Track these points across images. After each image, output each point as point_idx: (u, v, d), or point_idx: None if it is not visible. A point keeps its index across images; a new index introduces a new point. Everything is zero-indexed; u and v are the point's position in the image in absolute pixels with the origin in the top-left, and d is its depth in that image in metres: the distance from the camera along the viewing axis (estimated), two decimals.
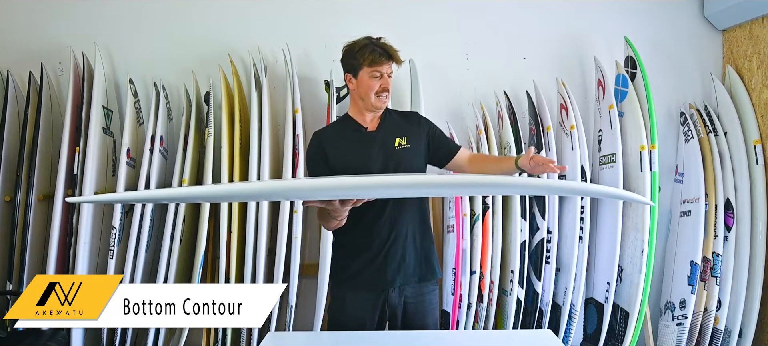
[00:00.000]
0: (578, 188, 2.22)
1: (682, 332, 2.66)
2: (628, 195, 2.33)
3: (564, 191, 2.38)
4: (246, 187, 1.58)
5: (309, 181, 1.45)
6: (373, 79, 1.76)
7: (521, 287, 2.62)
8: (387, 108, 1.91)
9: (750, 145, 2.73)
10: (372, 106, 1.80)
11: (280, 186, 1.71)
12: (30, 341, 2.19)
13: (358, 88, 1.80)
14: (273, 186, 1.66)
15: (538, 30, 2.98)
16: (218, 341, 2.58)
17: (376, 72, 1.75)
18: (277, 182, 1.36)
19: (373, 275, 1.77)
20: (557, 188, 2.03)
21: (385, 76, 1.77)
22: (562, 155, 2.77)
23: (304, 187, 1.54)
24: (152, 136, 2.56)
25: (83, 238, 2.44)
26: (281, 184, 1.37)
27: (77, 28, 2.83)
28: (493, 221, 2.65)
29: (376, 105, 1.79)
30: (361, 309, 1.79)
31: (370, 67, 1.75)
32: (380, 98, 1.78)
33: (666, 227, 2.88)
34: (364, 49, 1.76)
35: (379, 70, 1.75)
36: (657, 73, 2.85)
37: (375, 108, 1.80)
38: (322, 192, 1.45)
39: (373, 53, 1.74)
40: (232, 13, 2.90)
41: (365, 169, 1.74)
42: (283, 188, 1.72)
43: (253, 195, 1.97)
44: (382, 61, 1.75)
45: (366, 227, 1.76)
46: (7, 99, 2.62)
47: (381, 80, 1.76)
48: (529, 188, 1.93)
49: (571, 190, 2.19)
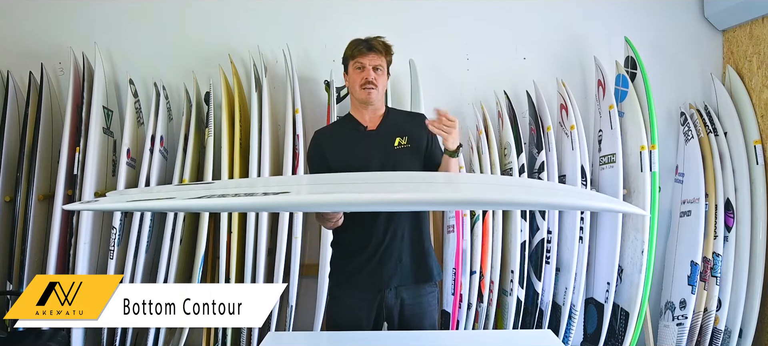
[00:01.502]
0: (569, 203, 1.92)
1: (682, 332, 2.66)
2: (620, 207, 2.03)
3: (553, 206, 2.26)
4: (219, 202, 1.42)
5: (293, 197, 1.37)
6: (356, 70, 1.80)
7: (521, 287, 2.62)
8: (390, 107, 1.90)
9: (750, 146, 2.73)
10: (360, 100, 1.81)
11: (260, 202, 1.50)
12: (30, 341, 2.19)
13: (349, 83, 1.84)
14: (252, 202, 1.46)
15: (538, 30, 2.98)
16: (218, 341, 2.58)
17: (357, 63, 1.79)
18: (257, 198, 1.33)
19: (369, 276, 1.77)
20: (547, 204, 1.89)
21: (367, 68, 1.78)
22: (563, 155, 2.77)
23: (289, 202, 1.45)
24: (152, 136, 2.56)
25: (83, 238, 2.44)
26: (261, 200, 1.33)
27: (77, 28, 2.83)
28: (493, 221, 2.65)
29: (360, 98, 1.81)
30: (358, 309, 1.79)
31: (353, 60, 1.80)
32: (365, 91, 1.78)
33: (666, 227, 2.88)
34: (349, 44, 1.82)
35: (360, 62, 1.78)
36: (657, 74, 2.84)
37: (363, 102, 1.81)
38: (306, 207, 1.42)
39: (354, 46, 1.80)
40: (232, 13, 2.90)
41: (363, 168, 1.74)
42: (263, 204, 1.59)
43: (231, 208, 1.92)
44: (363, 52, 1.78)
45: (362, 227, 1.76)
46: (7, 99, 2.62)
47: (364, 72, 1.78)
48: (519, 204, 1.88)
49: (560, 205, 2.05)
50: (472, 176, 2.59)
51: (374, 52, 1.78)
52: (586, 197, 1.60)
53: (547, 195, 1.45)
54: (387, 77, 1.86)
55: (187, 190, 1.56)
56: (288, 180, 2.19)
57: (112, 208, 1.89)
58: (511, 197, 1.32)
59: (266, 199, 1.30)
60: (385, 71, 1.83)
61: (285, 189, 1.35)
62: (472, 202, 1.60)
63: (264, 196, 1.31)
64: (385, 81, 1.83)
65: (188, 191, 1.43)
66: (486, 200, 1.50)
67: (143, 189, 2.42)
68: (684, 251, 2.72)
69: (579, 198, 1.57)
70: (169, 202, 1.31)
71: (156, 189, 2.31)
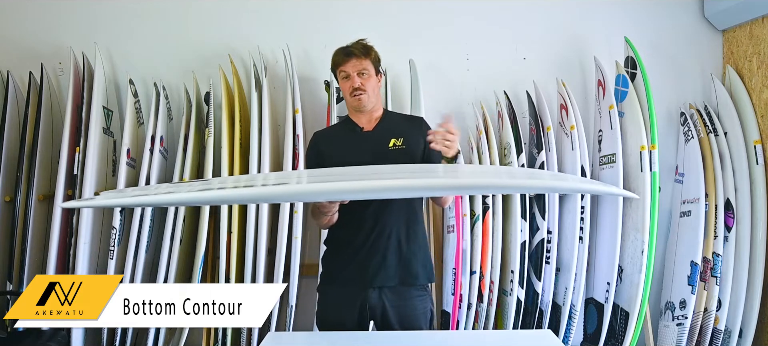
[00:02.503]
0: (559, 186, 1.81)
1: (682, 333, 2.65)
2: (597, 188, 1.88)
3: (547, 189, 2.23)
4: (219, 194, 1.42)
5: (284, 188, 1.35)
6: (343, 80, 1.81)
7: (521, 287, 2.62)
8: (388, 110, 1.91)
9: (750, 146, 2.73)
10: (353, 108, 1.84)
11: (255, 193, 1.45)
12: (30, 341, 2.19)
13: (342, 91, 1.86)
14: (250, 193, 1.43)
15: (538, 30, 2.98)
16: (218, 341, 2.58)
17: (342, 72, 1.80)
18: (253, 190, 1.36)
19: (353, 273, 1.76)
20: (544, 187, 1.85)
21: (352, 75, 1.79)
22: (563, 155, 2.77)
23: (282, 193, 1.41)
24: (152, 136, 2.56)
25: (83, 238, 2.44)
26: (256, 192, 1.35)
27: (77, 28, 2.84)
28: (493, 221, 2.65)
29: (352, 105, 1.83)
30: (341, 306, 1.77)
31: (337, 69, 1.82)
32: (355, 98, 1.79)
33: (666, 227, 2.88)
34: (333, 55, 1.83)
35: (344, 71, 1.79)
36: (657, 74, 2.84)
37: (355, 109, 1.83)
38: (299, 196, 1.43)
39: (335, 57, 1.82)
40: (232, 14, 2.90)
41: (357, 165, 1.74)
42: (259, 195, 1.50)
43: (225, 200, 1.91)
44: (344, 61, 1.79)
45: (351, 224, 1.76)
46: (7, 99, 2.62)
47: (349, 80, 1.79)
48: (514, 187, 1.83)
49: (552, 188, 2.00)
50: (470, 166, 2.57)
51: (354, 58, 1.78)
52: (582, 182, 1.61)
53: (551, 179, 1.46)
54: (378, 78, 1.85)
55: (186, 185, 1.57)
56: (286, 175, 2.20)
57: (110, 204, 1.88)
58: (512, 181, 1.33)
59: (265, 189, 1.31)
60: (372, 73, 1.81)
61: (283, 180, 1.36)
62: (468, 187, 1.55)
63: (263, 187, 1.32)
64: (374, 83, 1.82)
65: (187, 187, 1.43)
66: (481, 184, 1.48)
67: (140, 187, 2.42)
68: (684, 251, 2.72)
69: (572, 182, 1.58)
70: (168, 196, 1.31)
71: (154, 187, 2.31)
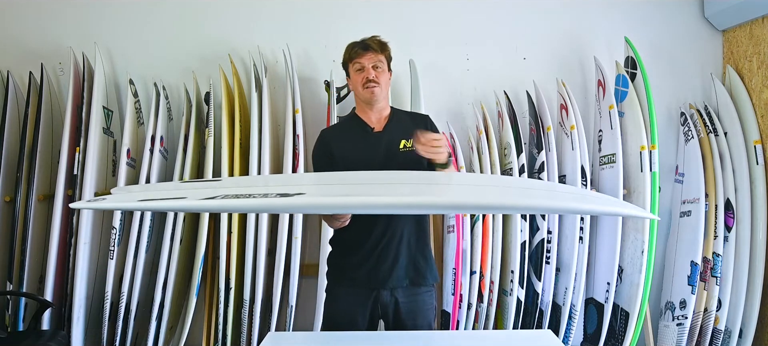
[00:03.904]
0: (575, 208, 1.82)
1: (682, 333, 2.66)
2: (628, 211, 1.99)
3: (560, 210, 2.28)
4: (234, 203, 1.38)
5: (308, 199, 1.32)
6: (356, 72, 1.82)
7: (521, 288, 2.62)
8: (395, 108, 1.91)
9: (750, 146, 2.73)
10: (364, 100, 1.84)
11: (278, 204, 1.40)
12: (30, 341, 2.19)
13: (352, 86, 1.86)
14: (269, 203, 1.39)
15: (538, 30, 2.98)
16: (218, 341, 2.58)
17: (356, 64, 1.82)
18: (274, 200, 1.23)
19: (365, 274, 1.78)
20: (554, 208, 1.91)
21: (367, 67, 1.80)
22: (563, 155, 2.77)
23: (303, 204, 1.38)
24: (152, 136, 2.56)
25: (83, 238, 2.44)
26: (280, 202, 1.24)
27: (77, 28, 2.84)
28: (493, 222, 2.65)
29: (364, 97, 1.83)
30: (354, 306, 1.79)
31: (351, 62, 1.83)
32: (368, 89, 1.81)
33: (666, 227, 2.88)
34: (346, 48, 1.85)
35: (359, 62, 1.81)
36: (657, 74, 2.85)
37: (367, 102, 1.83)
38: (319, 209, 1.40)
39: (350, 48, 1.84)
40: (232, 14, 2.90)
41: (367, 168, 1.75)
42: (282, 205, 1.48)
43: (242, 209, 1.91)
44: (361, 53, 1.81)
45: (361, 226, 1.77)
46: (7, 99, 2.62)
47: (364, 72, 1.81)
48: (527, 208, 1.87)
49: (566, 210, 2.06)
50: (480, 176, 2.57)
51: (371, 51, 1.81)
52: (587, 201, 1.54)
53: (546, 198, 1.42)
54: (389, 75, 1.87)
55: (197, 189, 1.54)
56: (295, 179, 2.17)
57: (122, 207, 1.87)
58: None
59: (282, 200, 1.23)
60: (386, 68, 1.84)
61: (300, 190, 1.29)
62: (495, 207, 1.56)
63: (279, 197, 1.22)
64: (386, 78, 1.85)
65: (198, 190, 1.40)
66: (509, 205, 1.43)
67: (148, 186, 2.40)
68: (684, 251, 2.72)
69: (582, 202, 1.51)
70: (181, 202, 1.28)
71: (162, 186, 2.28)
